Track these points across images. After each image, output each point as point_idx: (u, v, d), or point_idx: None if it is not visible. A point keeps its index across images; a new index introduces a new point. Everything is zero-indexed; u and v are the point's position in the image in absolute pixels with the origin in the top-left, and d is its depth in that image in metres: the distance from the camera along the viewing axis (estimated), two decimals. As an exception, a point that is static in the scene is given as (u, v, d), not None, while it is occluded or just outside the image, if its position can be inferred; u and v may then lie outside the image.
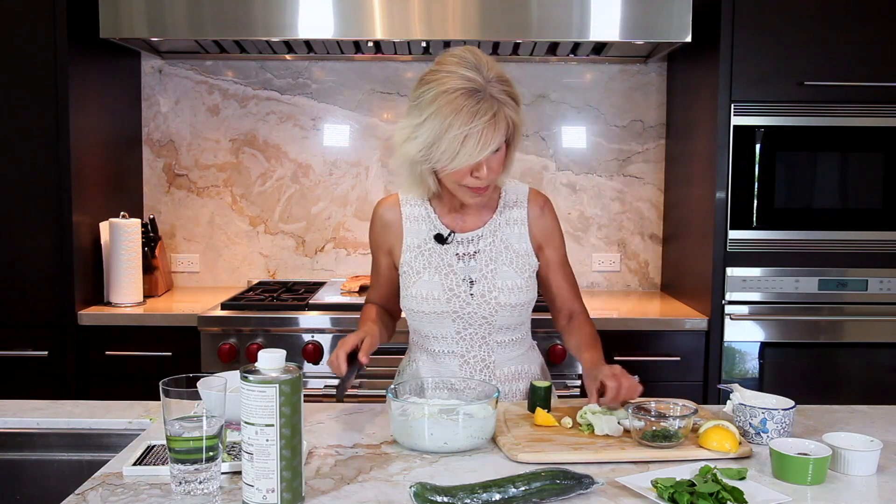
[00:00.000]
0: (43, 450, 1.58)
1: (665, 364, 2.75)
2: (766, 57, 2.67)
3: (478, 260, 1.75)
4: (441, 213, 1.79)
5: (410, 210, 1.80)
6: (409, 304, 1.77)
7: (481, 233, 1.77)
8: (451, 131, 1.54)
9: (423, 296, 1.73)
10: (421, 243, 1.77)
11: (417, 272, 1.75)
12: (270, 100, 3.30)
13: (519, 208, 1.80)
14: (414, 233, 1.78)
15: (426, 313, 1.74)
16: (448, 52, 1.63)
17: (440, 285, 1.73)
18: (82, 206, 2.80)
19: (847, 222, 2.74)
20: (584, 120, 3.31)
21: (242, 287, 3.23)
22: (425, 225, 1.78)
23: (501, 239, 1.77)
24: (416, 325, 1.80)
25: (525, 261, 1.77)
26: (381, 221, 1.82)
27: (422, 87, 1.61)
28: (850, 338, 2.76)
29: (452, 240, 1.77)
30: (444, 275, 1.74)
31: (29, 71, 2.69)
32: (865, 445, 1.35)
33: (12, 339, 2.73)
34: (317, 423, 1.56)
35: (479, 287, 1.73)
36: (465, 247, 1.76)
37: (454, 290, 1.73)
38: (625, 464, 1.36)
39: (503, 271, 1.75)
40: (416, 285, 1.74)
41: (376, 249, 1.85)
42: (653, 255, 3.36)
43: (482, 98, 1.55)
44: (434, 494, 1.15)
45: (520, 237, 1.78)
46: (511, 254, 1.77)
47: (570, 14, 2.71)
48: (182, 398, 1.18)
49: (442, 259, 1.75)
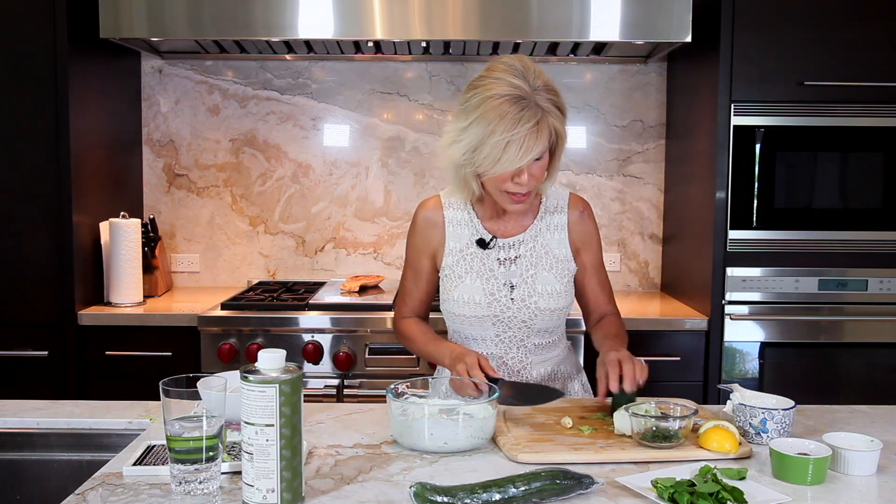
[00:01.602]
0: (43, 450, 1.59)
1: (665, 364, 2.75)
2: (766, 57, 2.67)
3: (518, 265, 1.78)
4: (483, 218, 1.81)
5: (453, 214, 1.82)
6: (450, 307, 1.79)
7: (522, 238, 1.79)
8: (494, 136, 1.56)
9: (465, 300, 1.76)
10: (463, 247, 1.80)
11: (459, 276, 1.78)
12: (270, 100, 3.30)
13: (559, 213, 1.82)
14: (456, 237, 1.80)
15: (467, 317, 1.77)
16: (498, 59, 1.66)
17: (482, 290, 1.76)
18: (82, 206, 2.80)
19: (847, 222, 2.74)
20: (584, 120, 3.31)
21: (242, 287, 3.23)
22: (467, 229, 1.80)
23: (542, 244, 1.79)
24: (456, 327, 1.84)
25: (564, 266, 1.80)
26: (424, 224, 1.83)
27: (469, 93, 1.64)
28: (850, 338, 2.76)
29: (494, 245, 1.79)
30: (485, 279, 1.77)
31: (29, 71, 2.69)
32: (865, 445, 1.35)
33: (12, 339, 2.73)
34: (317, 423, 1.56)
35: (519, 292, 1.76)
36: (507, 252, 1.79)
37: (495, 295, 1.76)
38: (625, 464, 1.36)
39: (543, 277, 1.77)
40: (457, 289, 1.77)
41: (418, 253, 1.84)
42: (653, 255, 3.36)
43: (527, 105, 1.56)
44: (434, 494, 1.15)
45: (560, 242, 1.80)
46: (551, 259, 1.79)
47: (570, 14, 2.71)
48: (182, 398, 1.18)
49: (483, 264, 1.78)
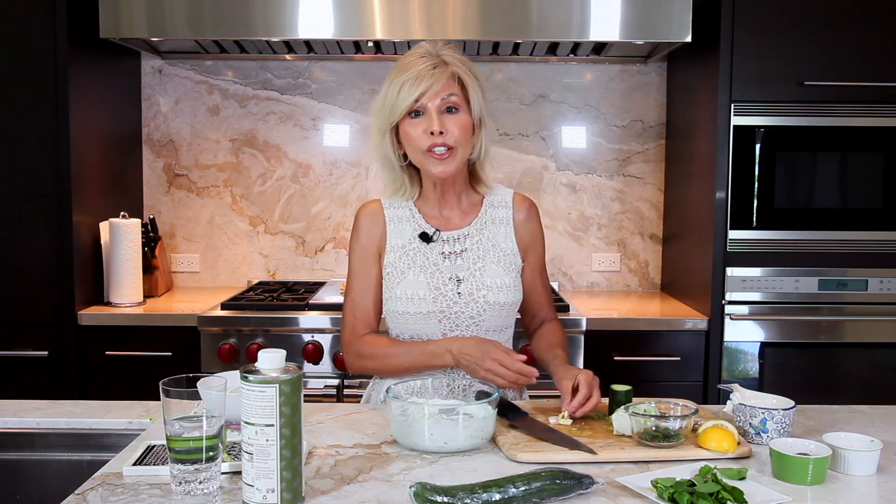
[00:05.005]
0: (43, 450, 1.58)
1: (665, 364, 2.75)
2: (766, 57, 2.67)
3: (465, 258, 1.73)
4: (425, 214, 1.77)
5: (394, 212, 1.77)
6: (393, 305, 1.72)
7: (467, 231, 1.76)
8: (394, 83, 1.65)
9: (409, 296, 1.69)
10: (405, 243, 1.74)
11: (402, 272, 1.71)
12: (270, 100, 3.30)
13: (504, 209, 1.80)
14: (398, 233, 1.75)
15: (412, 314, 1.70)
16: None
17: (426, 284, 1.70)
18: (82, 206, 2.80)
19: (847, 222, 2.74)
20: (584, 120, 3.31)
21: (242, 287, 3.23)
22: (409, 225, 1.76)
23: (488, 237, 1.76)
24: (400, 328, 1.75)
25: (512, 260, 1.76)
26: (367, 223, 1.76)
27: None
28: (850, 338, 2.76)
29: (438, 238, 1.74)
30: (429, 274, 1.71)
31: (29, 71, 2.69)
32: (865, 445, 1.35)
33: (12, 339, 2.73)
34: (317, 423, 1.56)
35: (466, 285, 1.71)
36: (451, 245, 1.74)
37: (441, 290, 1.70)
38: (625, 464, 1.36)
39: (491, 269, 1.73)
40: (400, 285, 1.70)
41: (364, 257, 1.75)
42: (653, 255, 3.36)
43: (429, 58, 1.65)
44: (434, 494, 1.15)
45: (506, 237, 1.77)
46: (498, 252, 1.75)
47: (570, 14, 2.71)
48: (182, 398, 1.18)
49: (427, 258, 1.72)
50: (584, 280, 3.36)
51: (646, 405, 1.46)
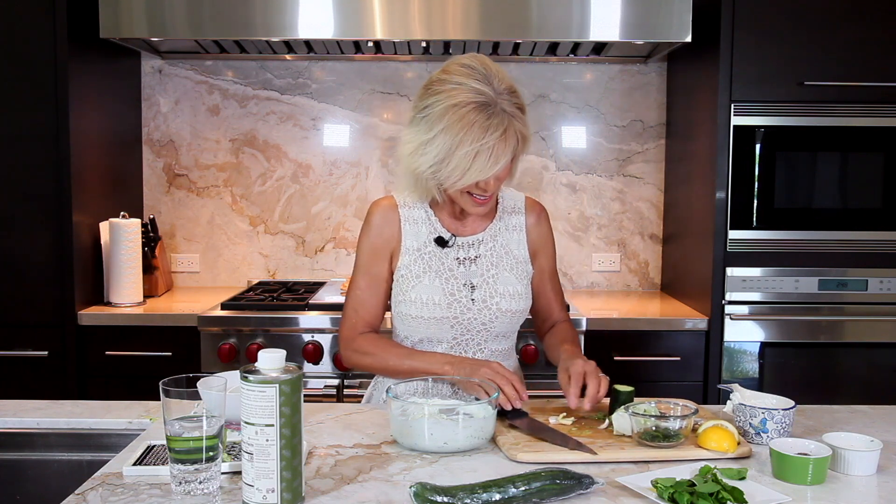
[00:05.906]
0: (43, 450, 1.58)
1: (665, 364, 2.75)
2: (766, 57, 2.67)
3: (479, 265, 1.72)
4: (440, 217, 1.75)
5: (409, 213, 1.74)
6: (406, 309, 1.69)
7: (482, 237, 1.75)
8: (463, 147, 1.51)
9: (423, 301, 1.67)
10: (420, 246, 1.72)
11: (417, 276, 1.69)
12: (270, 100, 3.30)
13: (517, 214, 1.79)
14: (413, 235, 1.72)
15: (425, 319, 1.68)
16: (455, 61, 1.60)
17: (441, 290, 1.68)
18: (82, 206, 2.80)
19: (847, 222, 2.74)
20: (584, 120, 3.30)
21: (242, 287, 3.23)
22: (425, 227, 1.73)
23: (502, 244, 1.75)
24: (410, 331, 1.73)
25: (524, 267, 1.76)
26: (381, 222, 1.73)
27: (429, 99, 1.57)
28: (850, 338, 2.76)
29: (454, 243, 1.73)
30: (444, 279, 1.69)
31: (29, 71, 2.69)
32: (865, 445, 1.35)
33: (12, 339, 2.73)
34: (317, 423, 1.56)
35: (479, 292, 1.70)
36: (466, 251, 1.73)
37: (455, 295, 1.69)
38: (625, 464, 1.36)
39: (504, 277, 1.72)
40: (415, 289, 1.68)
41: (374, 256, 1.73)
42: (653, 255, 3.36)
43: (493, 113, 1.53)
44: (434, 494, 1.15)
45: (519, 243, 1.77)
46: (511, 259, 1.75)
47: (570, 14, 2.71)
48: (182, 398, 1.18)
49: (442, 263, 1.71)
50: (584, 280, 3.36)
51: (646, 405, 1.46)
